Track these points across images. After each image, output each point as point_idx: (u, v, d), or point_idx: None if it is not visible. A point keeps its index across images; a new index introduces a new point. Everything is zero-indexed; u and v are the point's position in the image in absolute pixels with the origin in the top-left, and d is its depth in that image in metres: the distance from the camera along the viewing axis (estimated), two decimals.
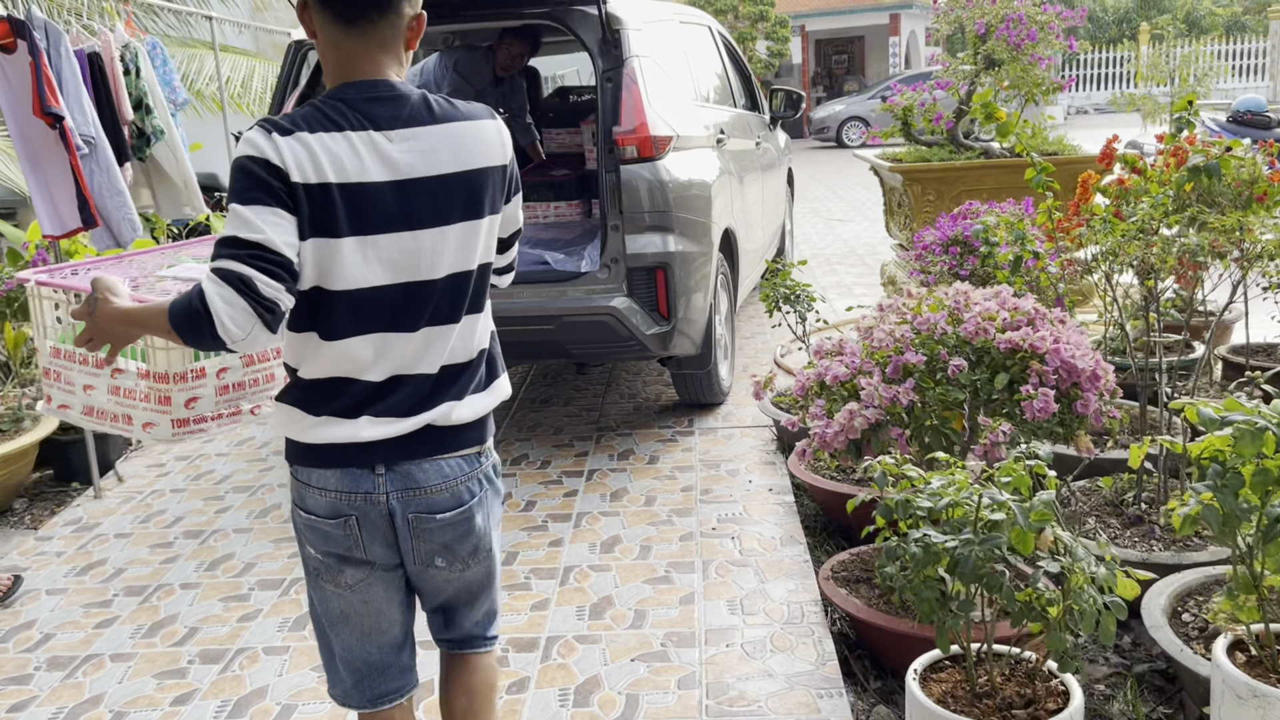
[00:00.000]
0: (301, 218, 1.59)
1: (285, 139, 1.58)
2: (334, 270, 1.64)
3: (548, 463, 4.39)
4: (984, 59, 5.38)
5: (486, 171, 1.73)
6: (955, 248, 4.19)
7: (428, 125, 1.69)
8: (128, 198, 4.04)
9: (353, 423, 1.71)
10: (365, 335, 1.68)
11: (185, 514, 4.09)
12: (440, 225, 1.69)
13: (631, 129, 4.14)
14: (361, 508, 1.74)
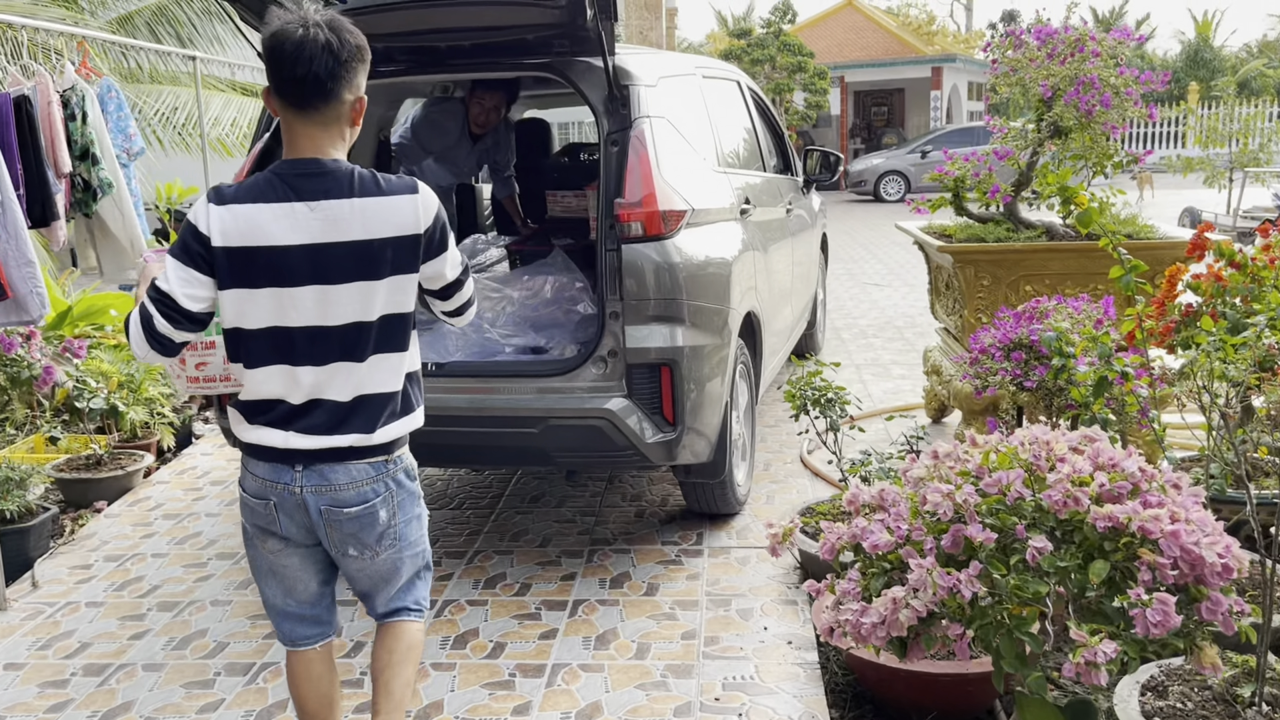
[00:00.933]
0: (221, 272, 2.05)
1: (219, 209, 2.06)
2: (250, 314, 2.08)
3: (526, 587, 3.72)
4: (1049, 126, 4.72)
5: (393, 240, 2.12)
6: (1019, 353, 3.51)
7: (345, 198, 2.08)
8: (38, 268, 3.47)
9: (280, 433, 2.13)
10: (278, 366, 2.11)
11: (94, 638, 3.45)
12: (344, 282, 2.09)
13: (637, 202, 3.51)
14: (281, 495, 2.16)
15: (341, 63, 2.06)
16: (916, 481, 2.34)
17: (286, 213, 2.05)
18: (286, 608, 2.33)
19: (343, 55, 2.07)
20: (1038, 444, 2.22)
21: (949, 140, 23.52)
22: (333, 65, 2.05)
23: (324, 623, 2.38)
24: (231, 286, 2.06)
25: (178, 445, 5.53)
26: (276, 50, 2.06)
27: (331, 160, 2.10)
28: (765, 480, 4.76)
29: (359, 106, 2.13)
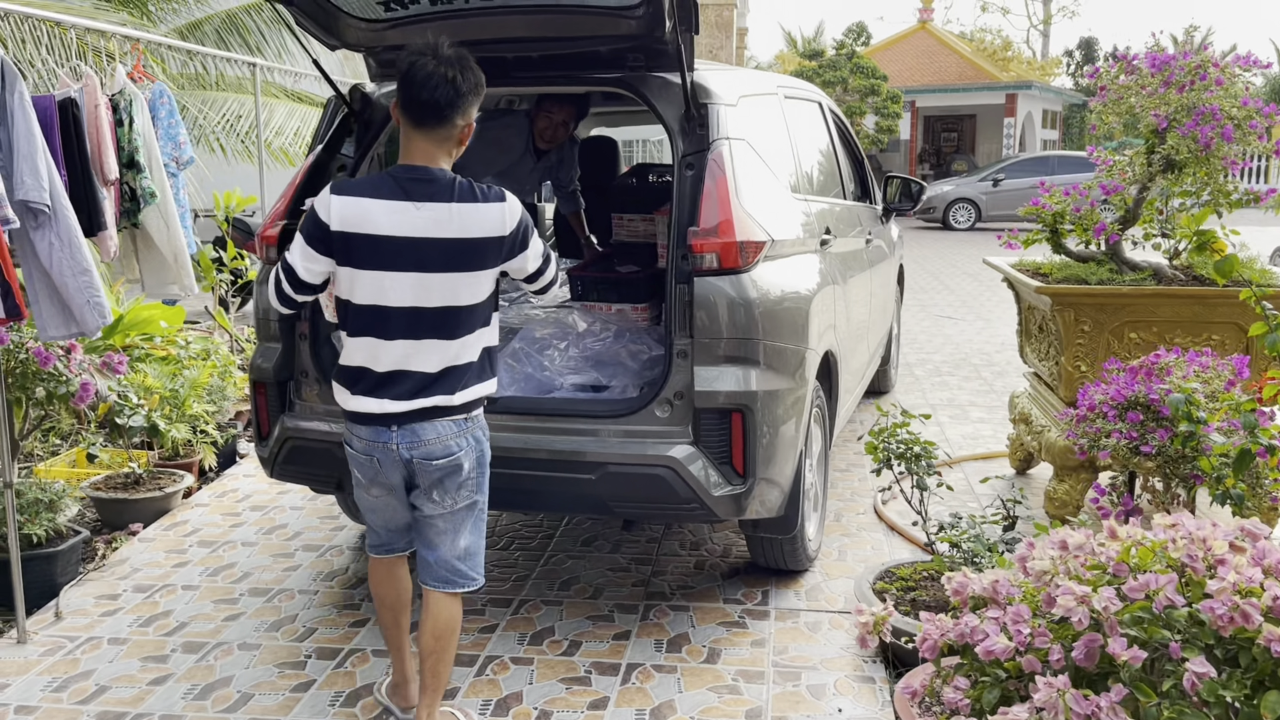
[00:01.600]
0: (335, 253, 2.54)
1: (338, 199, 2.52)
2: (357, 289, 2.55)
3: (576, 646, 3.41)
4: (1161, 159, 4.32)
5: (483, 240, 2.57)
6: (1136, 413, 3.13)
7: (446, 203, 2.53)
8: (95, 276, 3.26)
9: (375, 400, 2.59)
10: (371, 339, 2.57)
11: (113, 681, 3.21)
12: (439, 271, 2.54)
13: (713, 231, 3.20)
14: (382, 452, 2.63)
15: (461, 95, 2.51)
16: (1039, 575, 1.99)
17: (396, 209, 2.50)
18: (384, 531, 2.86)
19: (463, 89, 2.51)
20: (1192, 541, 1.86)
21: (1022, 169, 22.88)
22: (452, 96, 2.50)
23: (407, 542, 2.90)
24: (344, 265, 2.54)
25: (220, 465, 5.33)
26: (409, 75, 2.50)
27: (439, 169, 2.56)
28: (836, 533, 4.41)
29: (468, 131, 2.60)
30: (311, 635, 3.50)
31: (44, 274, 3.17)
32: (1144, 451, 3.06)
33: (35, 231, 3.13)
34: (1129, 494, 3.24)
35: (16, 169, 3.02)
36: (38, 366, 4.02)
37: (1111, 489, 3.25)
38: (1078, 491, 4.32)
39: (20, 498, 3.83)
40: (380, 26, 3.53)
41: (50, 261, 3.17)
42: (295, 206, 3.65)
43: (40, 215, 3.11)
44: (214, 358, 6.03)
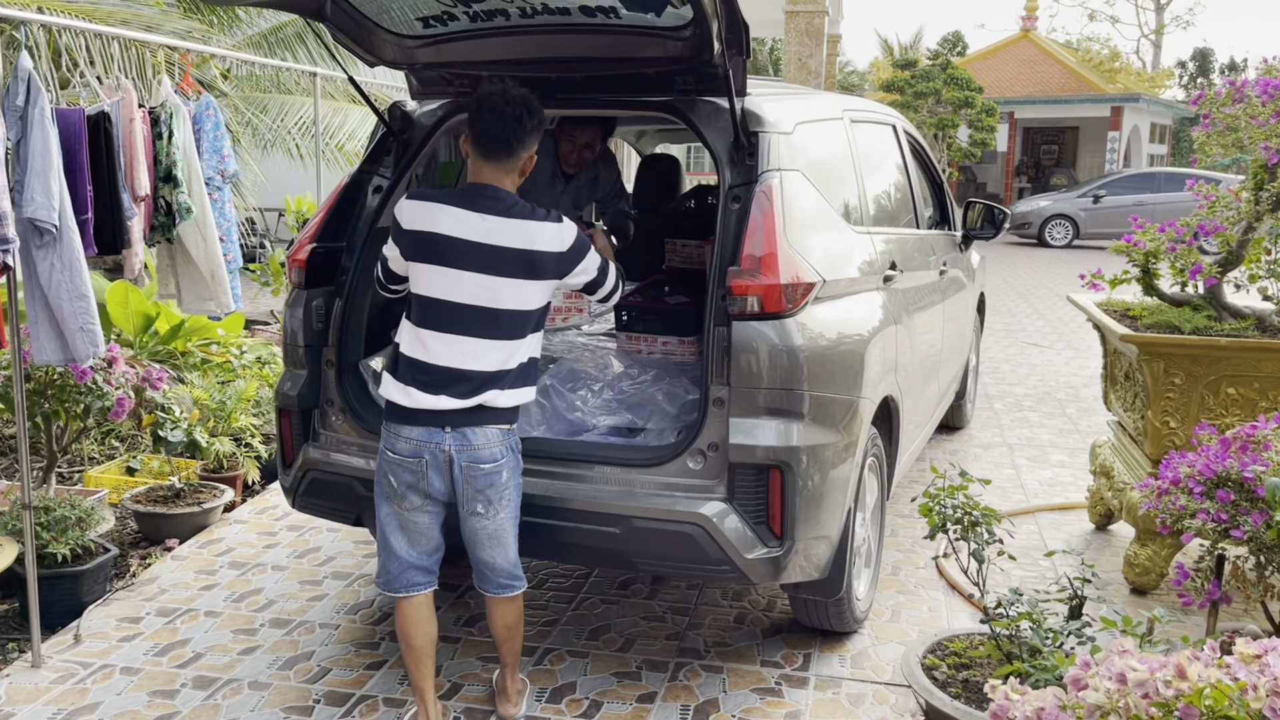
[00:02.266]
0: (404, 248, 2.85)
1: (409, 202, 2.86)
2: (421, 282, 2.83)
3: (596, 707, 3.20)
4: (1272, 198, 3.92)
5: (539, 253, 2.82)
6: (1226, 491, 2.78)
7: (505, 217, 2.81)
8: (91, 302, 3.16)
9: (432, 397, 2.77)
10: (436, 331, 2.80)
11: (117, 717, 3.11)
12: (495, 275, 2.78)
13: (755, 272, 2.96)
14: (433, 453, 2.78)
15: (526, 132, 2.80)
16: (1091, 710, 1.71)
17: (460, 215, 2.78)
18: (409, 558, 2.87)
19: (528, 127, 2.80)
20: (1277, 687, 1.56)
21: (1126, 185, 21.94)
22: (518, 133, 2.79)
23: (433, 573, 2.93)
24: (411, 259, 2.83)
25: (265, 478, 5.26)
26: (480, 111, 2.79)
27: (504, 190, 2.84)
28: (892, 589, 4.11)
29: (530, 162, 2.88)
30: (324, 676, 3.36)
31: (43, 295, 3.09)
32: (1233, 535, 2.72)
33: (38, 251, 3.05)
34: (1216, 579, 2.89)
35: (28, 186, 2.94)
36: (75, 381, 3.97)
37: (1196, 571, 2.91)
38: (1161, 558, 3.96)
39: (48, 514, 3.78)
40: (419, 43, 3.38)
41: (50, 283, 3.08)
42: (326, 229, 3.52)
43: (46, 235, 3.03)
44: (270, 367, 6.00)
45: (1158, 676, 1.64)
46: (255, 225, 12.39)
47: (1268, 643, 1.72)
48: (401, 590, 2.89)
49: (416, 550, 2.88)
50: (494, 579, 2.95)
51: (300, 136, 8.71)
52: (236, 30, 9.14)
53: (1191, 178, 4.50)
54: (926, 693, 2.99)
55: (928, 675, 3.10)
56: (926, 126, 22.51)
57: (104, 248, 3.68)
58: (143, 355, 5.58)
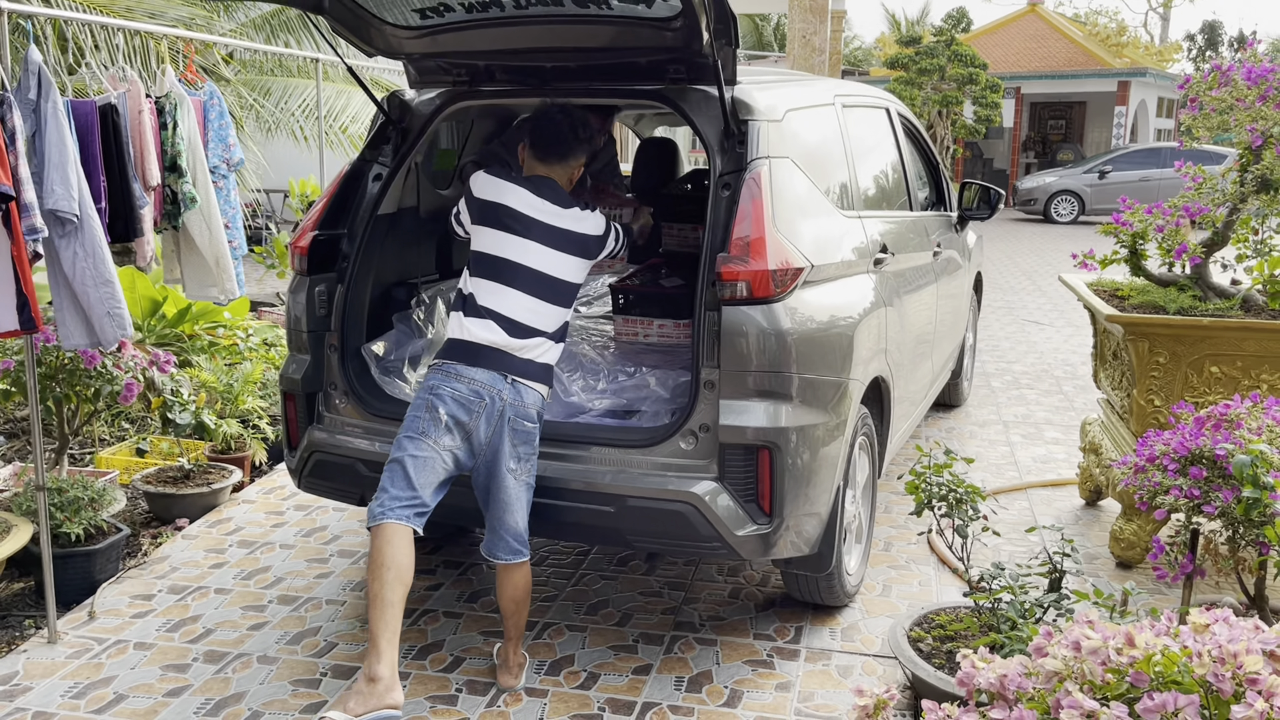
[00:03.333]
0: (474, 213, 3.31)
1: (482, 175, 3.35)
2: (487, 243, 3.24)
3: (594, 679, 3.31)
4: (1256, 179, 3.99)
5: (583, 235, 3.30)
6: (1200, 469, 2.87)
7: (561, 205, 3.29)
8: (117, 287, 3.27)
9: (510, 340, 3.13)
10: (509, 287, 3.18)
11: (131, 690, 3.23)
12: (547, 246, 3.23)
13: (743, 258, 3.04)
14: (493, 398, 3.05)
15: (579, 141, 3.33)
16: (1049, 676, 1.81)
17: (521, 192, 3.25)
18: (411, 493, 2.95)
19: (581, 136, 3.34)
20: (1222, 655, 1.65)
21: (1132, 160, 21.89)
22: (572, 144, 3.32)
23: (424, 517, 2.99)
24: (478, 224, 3.27)
25: (273, 459, 5.37)
26: (540, 124, 3.34)
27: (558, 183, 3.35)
28: (884, 564, 4.21)
29: (578, 170, 3.40)
30: (331, 651, 3.47)
31: (67, 283, 3.19)
32: (1205, 511, 2.81)
33: (61, 240, 3.15)
34: (1190, 553, 2.98)
35: (47, 177, 3.03)
36: (85, 365, 4.08)
37: (1171, 546, 3.00)
38: (1146, 533, 4.05)
39: (61, 495, 3.89)
40: (416, 34, 3.45)
41: (74, 271, 3.18)
42: (328, 217, 3.61)
43: (67, 224, 3.12)
44: (276, 349, 6.10)
45: (1109, 645, 1.74)
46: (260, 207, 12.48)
47: (1218, 613, 1.82)
48: (392, 517, 2.92)
49: (426, 488, 2.97)
50: (509, 543, 3.10)
51: (304, 120, 8.78)
52: (239, 13, 9.19)
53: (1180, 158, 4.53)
54: (911, 664, 3.10)
55: (913, 647, 3.21)
56: (931, 103, 22.43)
57: (116, 237, 3.77)
58: (150, 339, 5.68)
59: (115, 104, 3.71)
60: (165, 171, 4.04)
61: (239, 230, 4.63)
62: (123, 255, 4.18)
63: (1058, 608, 2.98)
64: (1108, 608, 2.52)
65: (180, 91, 4.15)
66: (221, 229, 4.29)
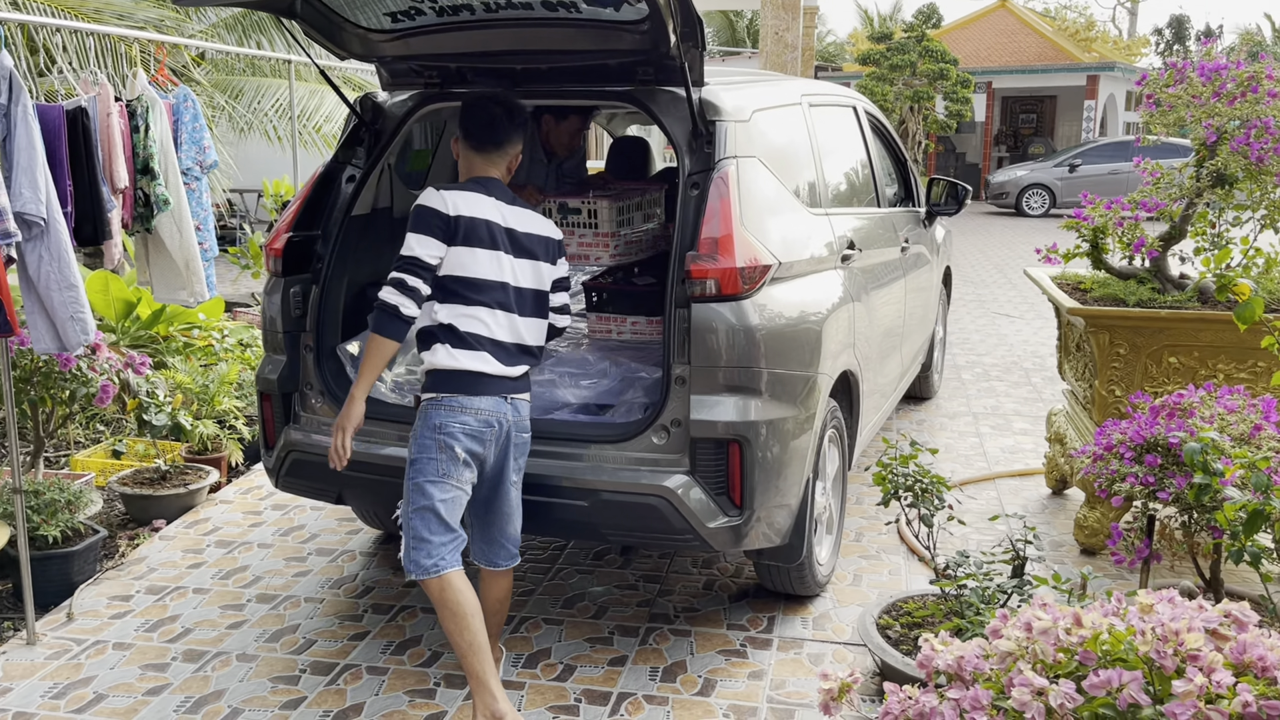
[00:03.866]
0: (455, 235, 2.96)
1: (450, 192, 2.99)
2: (472, 265, 2.98)
3: (570, 671, 3.37)
4: (1210, 174, 4.09)
5: (551, 239, 3.16)
6: (1155, 456, 2.96)
7: (518, 207, 3.10)
8: (81, 292, 3.29)
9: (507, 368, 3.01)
10: (483, 308, 2.98)
11: (111, 689, 3.26)
12: (525, 258, 3.07)
13: (712, 256, 3.11)
14: (499, 422, 2.98)
15: (514, 126, 3.09)
16: (1003, 657, 1.88)
17: (493, 203, 3.01)
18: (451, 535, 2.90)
19: (516, 121, 3.10)
20: (1164, 633, 1.73)
21: (1101, 154, 22.14)
22: (508, 129, 3.08)
23: (460, 547, 2.95)
24: (463, 245, 2.94)
25: (250, 459, 5.40)
26: (472, 111, 3.08)
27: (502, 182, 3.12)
28: (855, 554, 4.29)
29: (515, 160, 3.15)
30: (310, 648, 3.52)
31: (32, 287, 3.21)
32: (1160, 498, 2.90)
33: (27, 244, 3.17)
34: (1147, 539, 3.08)
35: (15, 181, 3.05)
36: (60, 368, 4.10)
37: (1129, 531, 3.09)
38: (1108, 520, 4.15)
39: (38, 498, 3.91)
40: (387, 38, 3.49)
41: (39, 275, 3.20)
42: (302, 219, 3.65)
43: (34, 228, 3.15)
44: (251, 350, 6.12)
45: (1059, 625, 1.81)
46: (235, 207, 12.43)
47: (1163, 594, 1.90)
48: (448, 565, 2.88)
49: (457, 522, 2.94)
50: (509, 549, 3.14)
51: (277, 119, 8.77)
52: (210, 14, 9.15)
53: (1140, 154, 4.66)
54: (880, 650, 3.18)
55: (882, 634, 3.29)
56: (903, 99, 22.60)
57: (84, 240, 3.79)
58: (125, 341, 5.69)
59: (85, 107, 3.73)
60: (138, 174, 4.06)
61: (210, 232, 4.65)
62: (94, 258, 4.19)
63: (1020, 593, 3.06)
64: (1066, 593, 2.61)
65: (152, 94, 4.17)
66: (192, 231, 4.31)
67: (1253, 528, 2.37)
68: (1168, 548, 3.17)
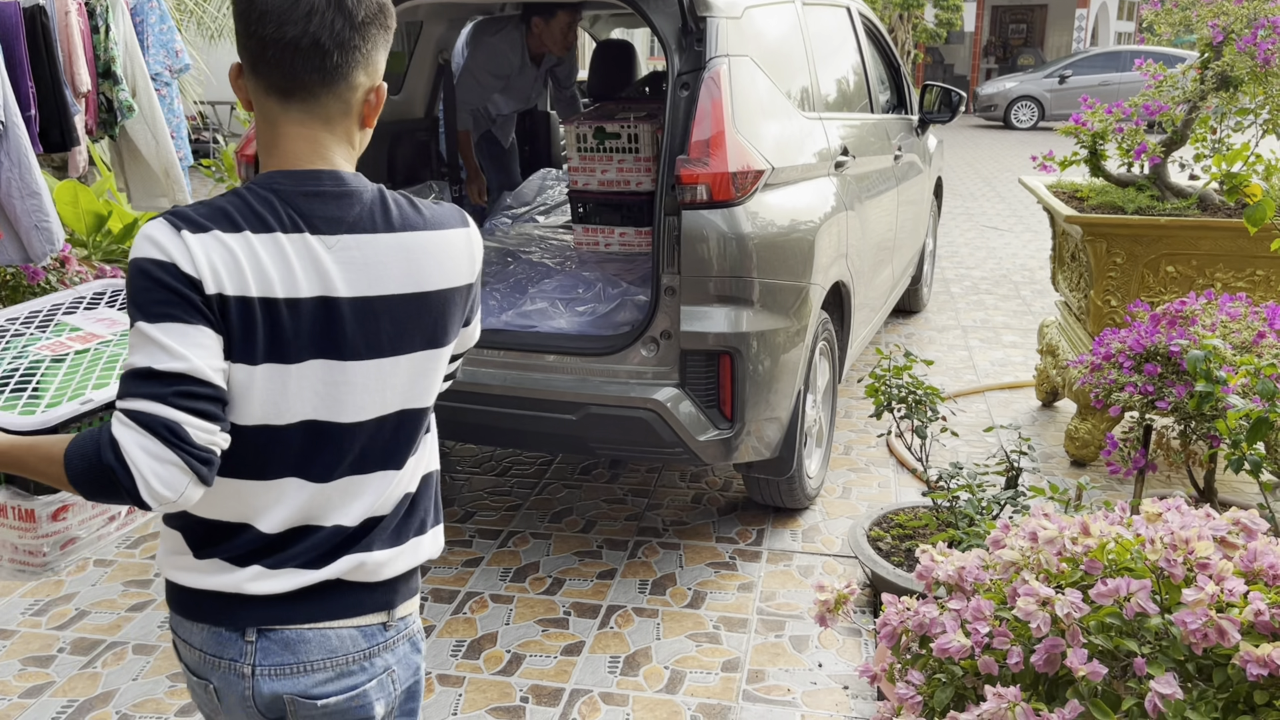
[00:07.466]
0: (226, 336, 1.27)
1: (198, 237, 1.26)
2: (241, 401, 1.31)
3: (559, 584, 3.35)
4: (1215, 76, 3.97)
5: (448, 293, 1.43)
6: (1154, 365, 2.91)
7: (379, 233, 1.37)
8: (45, 199, 3.14)
9: (240, 571, 1.38)
10: (266, 480, 1.36)
11: (92, 606, 3.21)
12: (378, 357, 1.38)
13: (703, 161, 2.99)
14: (224, 676, 1.42)
15: (356, 26, 1.31)
16: (1006, 566, 1.84)
17: (298, 248, 1.30)
18: None
19: (358, 15, 1.32)
20: (1174, 541, 1.68)
21: (1092, 65, 21.80)
22: (342, 29, 1.30)
23: None
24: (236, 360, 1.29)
25: None
26: (256, 8, 1.29)
27: (348, 174, 1.37)
28: (843, 467, 4.26)
29: (375, 99, 1.38)
30: None
31: None
32: (1159, 407, 2.86)
33: None
34: (1144, 448, 3.04)
35: None
36: (27, 281, 3.96)
37: (1124, 442, 3.05)
38: (1100, 432, 4.12)
39: None
40: None
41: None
42: None
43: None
44: None
45: (1065, 534, 1.76)
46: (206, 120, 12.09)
47: (1170, 502, 1.85)
48: None
49: None
50: None
51: None
52: None
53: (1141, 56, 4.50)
54: (871, 562, 3.16)
55: (873, 546, 3.27)
56: (892, 6, 22.10)
57: (51, 146, 3.63)
58: (96, 255, 5.53)
59: (43, 5, 3.53)
60: (100, 78, 3.87)
61: (184, 140, 4.47)
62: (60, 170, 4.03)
63: (1014, 504, 3.03)
64: (1062, 503, 2.57)
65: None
66: (168, 137, 4.13)
67: (1256, 435, 2.32)
68: (1164, 458, 3.14)
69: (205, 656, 1.42)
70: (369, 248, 1.35)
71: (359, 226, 1.35)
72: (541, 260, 3.84)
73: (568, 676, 2.86)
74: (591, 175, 3.99)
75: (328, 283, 1.32)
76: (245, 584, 1.37)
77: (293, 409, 1.34)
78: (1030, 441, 3.19)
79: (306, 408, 1.35)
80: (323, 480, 1.38)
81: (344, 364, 1.35)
